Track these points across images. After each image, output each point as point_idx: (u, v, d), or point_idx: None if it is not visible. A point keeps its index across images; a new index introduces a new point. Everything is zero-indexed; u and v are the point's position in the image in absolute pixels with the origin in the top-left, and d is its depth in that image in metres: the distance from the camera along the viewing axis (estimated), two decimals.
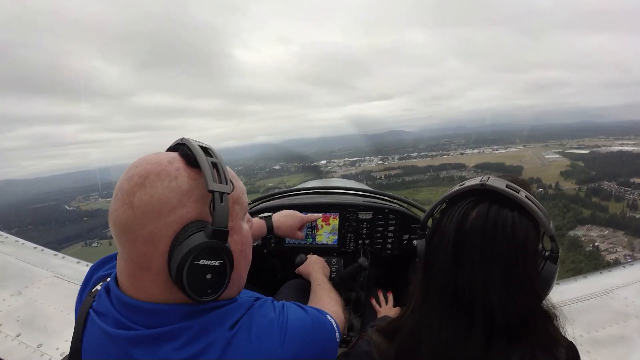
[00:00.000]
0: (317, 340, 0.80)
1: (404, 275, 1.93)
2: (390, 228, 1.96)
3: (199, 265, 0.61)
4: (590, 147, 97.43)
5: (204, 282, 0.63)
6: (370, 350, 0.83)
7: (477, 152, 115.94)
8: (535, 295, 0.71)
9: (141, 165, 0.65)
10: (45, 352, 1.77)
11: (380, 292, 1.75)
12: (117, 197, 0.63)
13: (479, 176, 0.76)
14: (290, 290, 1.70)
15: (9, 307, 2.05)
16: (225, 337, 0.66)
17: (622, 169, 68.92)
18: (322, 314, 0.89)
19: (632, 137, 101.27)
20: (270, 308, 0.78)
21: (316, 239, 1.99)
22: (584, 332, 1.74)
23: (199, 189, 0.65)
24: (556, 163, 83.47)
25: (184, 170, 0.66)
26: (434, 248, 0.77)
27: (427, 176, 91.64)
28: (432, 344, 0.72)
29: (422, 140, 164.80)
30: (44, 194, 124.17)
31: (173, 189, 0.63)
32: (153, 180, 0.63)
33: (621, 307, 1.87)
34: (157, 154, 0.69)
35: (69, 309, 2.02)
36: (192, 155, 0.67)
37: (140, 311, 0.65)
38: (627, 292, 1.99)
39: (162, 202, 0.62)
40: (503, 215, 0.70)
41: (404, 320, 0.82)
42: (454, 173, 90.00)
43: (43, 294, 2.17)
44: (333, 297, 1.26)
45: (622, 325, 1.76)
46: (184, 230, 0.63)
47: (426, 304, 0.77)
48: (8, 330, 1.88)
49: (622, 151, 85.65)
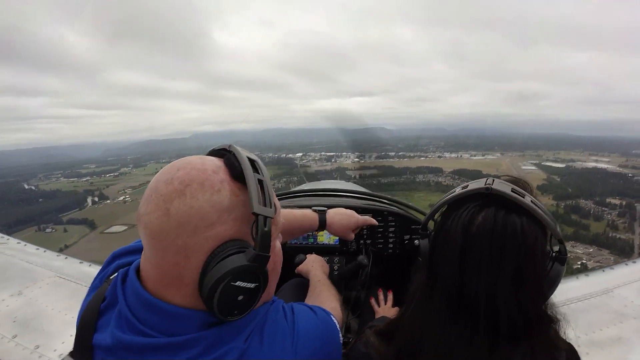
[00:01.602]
0: (326, 343, 0.80)
1: (406, 273, 1.92)
2: (390, 229, 1.97)
3: (234, 287, 0.60)
4: (566, 160, 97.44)
5: (235, 303, 0.62)
6: (368, 352, 0.82)
7: (455, 156, 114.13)
8: (543, 298, 0.72)
9: (184, 169, 0.61)
10: (43, 353, 1.74)
11: (380, 291, 1.74)
12: (151, 198, 0.60)
13: (483, 178, 0.75)
14: (290, 289, 1.68)
15: (7, 307, 2.01)
16: (241, 347, 0.64)
17: (597, 187, 68.34)
18: (328, 314, 0.87)
19: (606, 154, 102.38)
20: (281, 313, 0.76)
21: (317, 239, 2.01)
22: (582, 333, 1.74)
23: (241, 208, 0.62)
24: (532, 175, 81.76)
25: (228, 183, 0.62)
26: (439, 251, 0.76)
27: (402, 179, 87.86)
28: (435, 347, 0.72)
29: (401, 138, 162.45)
30: (4, 169, 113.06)
31: (214, 203, 0.60)
32: (195, 190, 0.59)
33: (620, 308, 1.88)
34: (202, 157, 0.66)
35: (68, 309, 2.02)
36: (238, 168, 0.63)
37: (158, 311, 0.62)
38: (628, 291, 1.99)
39: (201, 216, 0.59)
40: (511, 220, 0.69)
41: (403, 321, 0.81)
42: (431, 177, 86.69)
43: (43, 295, 2.12)
44: (332, 293, 1.28)
45: (620, 327, 1.77)
46: (221, 248, 0.60)
47: (429, 307, 0.76)
48: (4, 332, 1.84)
49: (597, 168, 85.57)
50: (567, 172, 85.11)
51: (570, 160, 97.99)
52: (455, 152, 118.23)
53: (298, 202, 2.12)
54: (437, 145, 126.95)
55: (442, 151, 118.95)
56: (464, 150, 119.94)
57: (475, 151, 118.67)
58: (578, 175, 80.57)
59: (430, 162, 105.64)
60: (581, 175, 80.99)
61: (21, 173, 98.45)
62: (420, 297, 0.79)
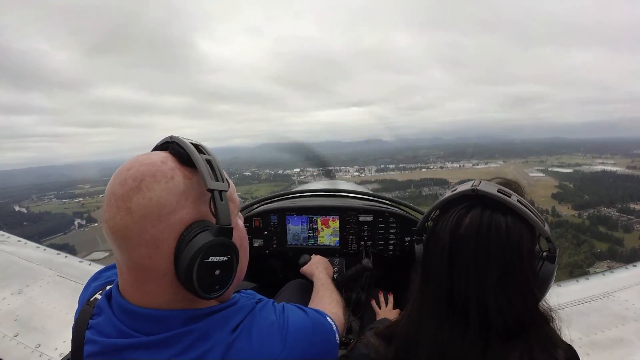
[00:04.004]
0: (317, 342, 0.81)
1: (406, 275, 1.90)
2: (391, 231, 1.96)
3: (208, 263, 0.62)
4: (572, 165, 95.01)
5: (213, 278, 0.64)
6: (368, 353, 0.83)
7: (456, 166, 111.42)
8: (532, 296, 0.72)
9: (134, 167, 0.63)
10: (44, 352, 1.75)
11: (380, 293, 1.74)
12: (111, 203, 0.61)
13: (470, 180, 0.77)
14: (291, 291, 1.67)
15: (8, 305, 2.01)
16: (226, 341, 0.66)
17: (614, 192, 65.49)
18: (322, 315, 0.89)
19: (609, 156, 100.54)
20: (271, 310, 0.78)
21: (318, 240, 2.02)
22: (583, 334, 1.76)
23: (195, 189, 0.65)
24: (542, 183, 79.03)
25: (179, 169, 0.65)
26: (430, 253, 0.78)
27: (408, 193, 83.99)
28: (430, 346, 0.73)
29: (399, 150, 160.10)
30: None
31: (171, 190, 0.62)
32: (149, 182, 0.61)
33: (621, 310, 1.89)
34: (148, 153, 0.68)
35: (69, 308, 2.00)
36: (184, 154, 0.66)
37: (141, 318, 0.65)
38: (628, 294, 2.00)
39: (161, 205, 0.61)
40: (496, 220, 0.70)
41: (402, 323, 0.83)
42: (437, 190, 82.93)
43: (44, 293, 2.13)
44: (334, 298, 1.26)
45: (621, 329, 1.78)
46: (187, 231, 0.63)
47: (423, 307, 0.78)
48: (6, 330, 1.85)
49: (606, 171, 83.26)
50: (578, 177, 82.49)
51: (575, 164, 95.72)
52: (456, 161, 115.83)
53: (301, 202, 2.11)
54: (437, 156, 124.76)
55: (443, 161, 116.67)
56: (466, 160, 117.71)
57: (477, 160, 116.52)
58: (590, 180, 77.85)
59: (433, 173, 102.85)
60: (593, 179, 78.30)
61: (13, 194, 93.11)
62: (414, 300, 0.81)
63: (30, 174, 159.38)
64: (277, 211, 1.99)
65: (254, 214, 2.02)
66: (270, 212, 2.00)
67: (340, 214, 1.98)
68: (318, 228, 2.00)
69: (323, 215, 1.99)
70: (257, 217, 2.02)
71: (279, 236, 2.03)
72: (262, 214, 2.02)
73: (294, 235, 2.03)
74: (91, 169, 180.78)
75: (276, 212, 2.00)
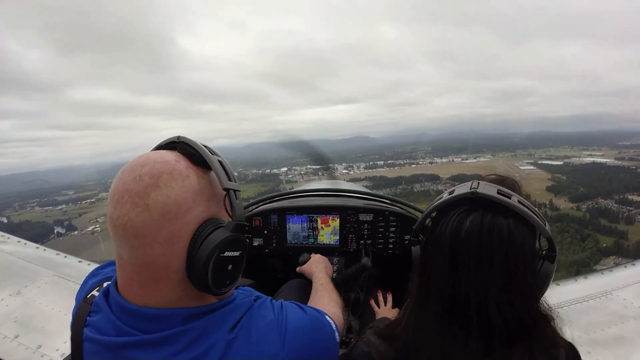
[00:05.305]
0: (316, 340, 0.81)
1: (405, 274, 1.77)
2: (391, 229, 1.97)
3: (224, 258, 0.65)
4: (561, 157, 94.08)
5: (226, 273, 0.67)
6: (369, 351, 0.83)
7: (446, 161, 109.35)
8: (533, 298, 0.72)
9: (148, 165, 0.63)
10: (45, 353, 1.75)
11: (379, 293, 1.75)
12: (124, 199, 0.61)
13: (469, 182, 0.76)
14: (291, 290, 1.67)
15: (7, 306, 2.01)
16: (226, 339, 0.66)
17: (609, 183, 64.23)
18: (321, 314, 0.90)
19: (596, 148, 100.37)
20: (270, 308, 0.78)
21: (318, 239, 2.03)
22: (583, 333, 1.77)
23: (208, 188, 0.68)
24: (534, 176, 77.29)
25: (192, 169, 0.67)
26: (430, 256, 0.77)
27: (399, 190, 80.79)
28: (431, 349, 0.73)
29: (387, 146, 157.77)
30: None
31: (187, 188, 0.64)
32: (167, 180, 0.62)
33: (620, 309, 1.90)
34: (158, 152, 0.68)
35: (68, 309, 1.97)
36: (197, 154, 0.68)
37: (141, 317, 0.65)
38: (626, 293, 2.01)
39: (179, 203, 0.62)
40: (498, 223, 0.69)
41: (402, 323, 0.82)
42: (429, 186, 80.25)
43: (43, 294, 2.12)
44: (333, 298, 1.25)
45: (620, 327, 1.79)
46: (201, 228, 0.65)
47: (424, 310, 0.77)
48: (6, 332, 1.85)
49: (596, 162, 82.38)
50: (569, 169, 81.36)
51: (564, 157, 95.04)
52: (445, 156, 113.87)
53: (301, 201, 2.13)
54: (425, 151, 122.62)
55: (432, 156, 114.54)
56: (454, 154, 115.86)
57: (466, 154, 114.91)
58: (581, 172, 76.72)
59: (424, 169, 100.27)
60: (584, 171, 77.23)
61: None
62: (415, 301, 0.80)
63: (10, 182, 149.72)
64: (277, 211, 2.01)
65: (254, 213, 2.03)
66: (270, 211, 2.02)
67: (340, 213, 1.98)
68: (318, 227, 2.01)
69: (323, 214, 2.00)
70: (257, 216, 2.03)
71: (279, 235, 2.03)
72: (262, 214, 2.03)
73: (294, 234, 2.03)
74: (75, 174, 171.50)
75: (276, 212, 2.01)
